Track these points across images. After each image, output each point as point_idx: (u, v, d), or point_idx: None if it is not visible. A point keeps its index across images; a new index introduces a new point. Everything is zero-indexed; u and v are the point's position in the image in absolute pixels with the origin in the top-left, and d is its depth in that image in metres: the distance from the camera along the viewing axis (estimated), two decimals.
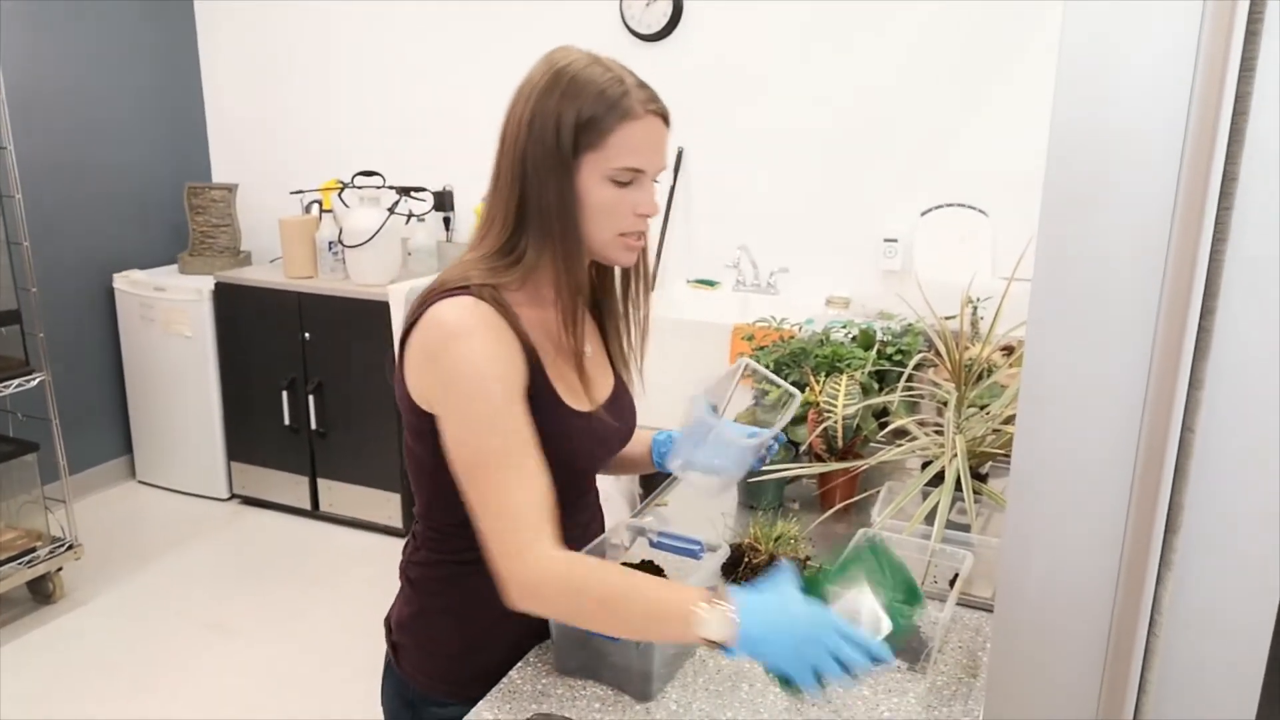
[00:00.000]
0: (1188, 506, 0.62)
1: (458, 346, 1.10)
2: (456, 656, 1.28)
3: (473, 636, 1.27)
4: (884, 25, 3.07)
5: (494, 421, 1.10)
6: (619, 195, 1.15)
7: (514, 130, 1.15)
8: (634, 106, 1.13)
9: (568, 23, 3.44)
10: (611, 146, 1.13)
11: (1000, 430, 1.50)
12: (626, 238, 1.18)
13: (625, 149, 1.13)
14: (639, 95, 1.14)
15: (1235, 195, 0.58)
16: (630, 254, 1.21)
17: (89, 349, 3.91)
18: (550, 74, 1.14)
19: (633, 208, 1.16)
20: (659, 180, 1.21)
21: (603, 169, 1.14)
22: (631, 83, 1.15)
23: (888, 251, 3.13)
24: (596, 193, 1.14)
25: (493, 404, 1.10)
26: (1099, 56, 0.59)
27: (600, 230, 1.17)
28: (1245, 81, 0.56)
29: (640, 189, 1.17)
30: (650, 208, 1.18)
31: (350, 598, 3.18)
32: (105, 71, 3.83)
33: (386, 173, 3.65)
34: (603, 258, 1.21)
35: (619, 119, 1.13)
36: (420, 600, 1.30)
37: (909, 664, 1.24)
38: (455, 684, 1.27)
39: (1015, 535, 0.68)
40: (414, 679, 1.30)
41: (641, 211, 1.17)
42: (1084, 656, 0.67)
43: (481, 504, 1.10)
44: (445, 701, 1.27)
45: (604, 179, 1.14)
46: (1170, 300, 0.59)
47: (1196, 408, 0.60)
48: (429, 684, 1.29)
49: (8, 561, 2.98)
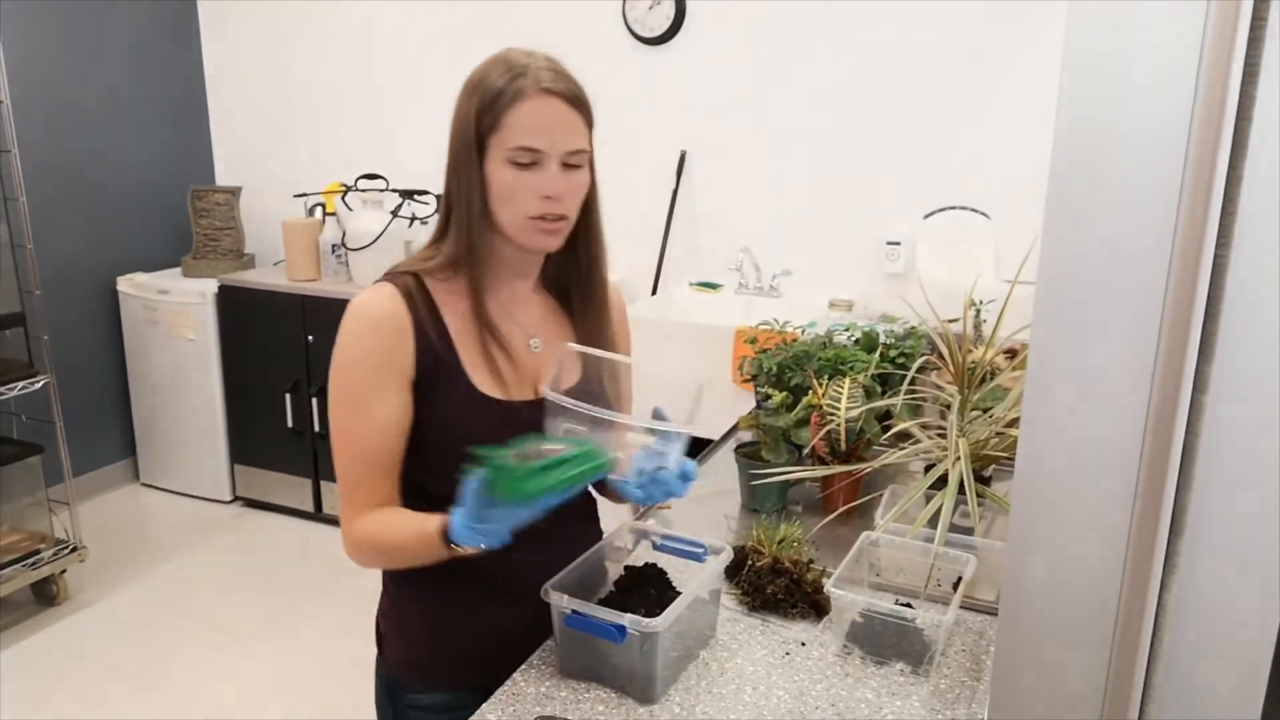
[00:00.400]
0: (1192, 510, 0.62)
1: (342, 329, 1.20)
2: (426, 644, 1.32)
3: (441, 625, 1.31)
4: (886, 28, 3.07)
5: (346, 402, 1.19)
6: (520, 177, 1.16)
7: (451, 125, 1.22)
8: (526, 87, 1.14)
9: (571, 26, 3.45)
10: (507, 128, 1.15)
11: (1003, 433, 1.50)
12: (537, 221, 1.18)
13: (519, 129, 1.15)
14: (536, 76, 1.15)
15: (1239, 200, 0.58)
16: (545, 237, 1.20)
17: (93, 352, 3.91)
18: (476, 68, 1.20)
19: (536, 190, 1.16)
20: (579, 164, 1.20)
21: (502, 151, 1.16)
22: (534, 66, 1.16)
23: (890, 254, 3.13)
24: (499, 176, 1.17)
25: (345, 388, 1.19)
26: (1102, 61, 0.59)
27: (507, 214, 1.18)
28: (1249, 85, 0.56)
29: (543, 171, 1.16)
30: (552, 189, 1.16)
31: (353, 599, 3.18)
32: (109, 75, 3.84)
33: (390, 176, 3.65)
34: (519, 243, 1.21)
35: (511, 99, 1.15)
36: (393, 588, 1.35)
37: (912, 667, 1.24)
38: (429, 672, 1.31)
39: (1019, 539, 0.68)
40: (393, 668, 1.34)
41: (544, 194, 1.16)
42: (1088, 660, 0.67)
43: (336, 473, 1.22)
44: (421, 689, 1.31)
45: (505, 162, 1.16)
46: (1174, 303, 0.59)
47: (1201, 411, 0.60)
48: (405, 671, 1.33)
49: (11, 564, 2.99)
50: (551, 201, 1.17)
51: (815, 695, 1.19)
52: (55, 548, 3.12)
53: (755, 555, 1.40)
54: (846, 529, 1.61)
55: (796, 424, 1.68)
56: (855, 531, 1.45)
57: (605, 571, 1.35)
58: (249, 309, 3.72)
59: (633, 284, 3.54)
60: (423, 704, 1.31)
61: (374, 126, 3.92)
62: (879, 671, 1.24)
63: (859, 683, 1.22)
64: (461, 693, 1.24)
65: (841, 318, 2.95)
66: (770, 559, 1.39)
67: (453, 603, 1.29)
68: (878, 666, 1.25)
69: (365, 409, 1.18)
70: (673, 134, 3.43)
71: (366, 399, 1.18)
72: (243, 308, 3.74)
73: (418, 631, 1.32)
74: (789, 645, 1.29)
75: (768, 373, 1.80)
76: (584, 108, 1.20)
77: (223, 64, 4.18)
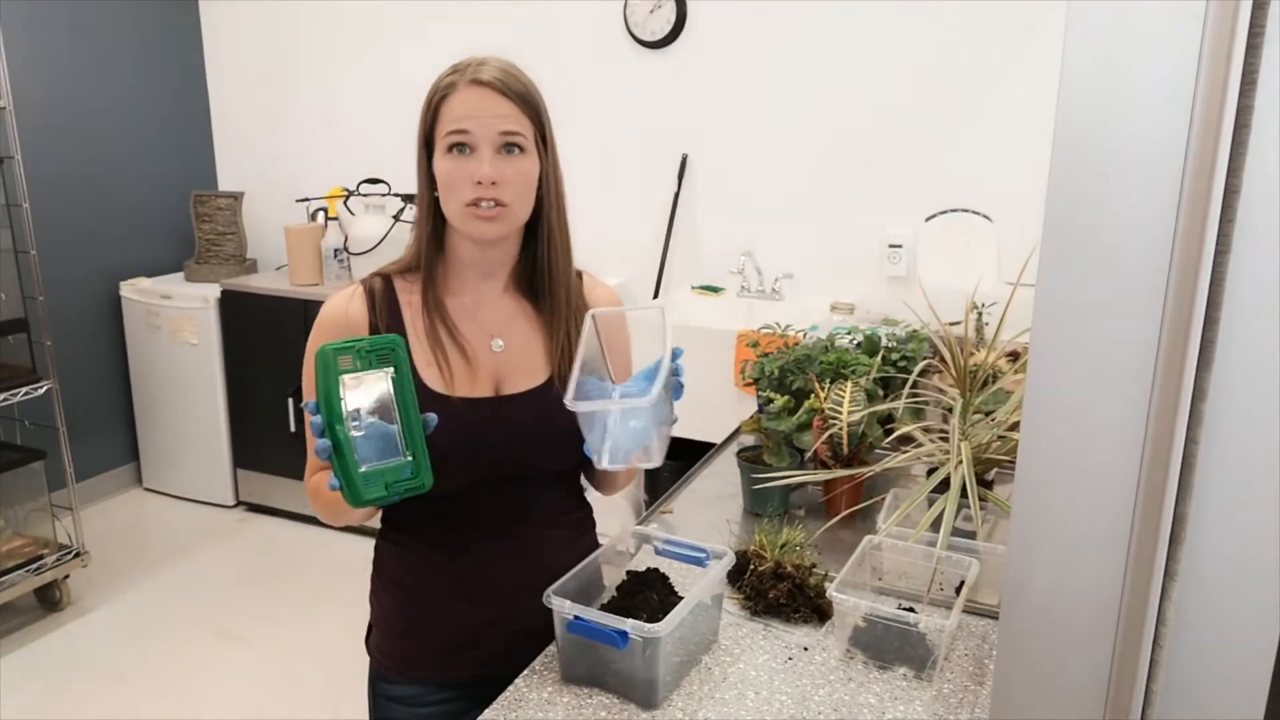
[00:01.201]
0: (1192, 517, 0.62)
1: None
2: (401, 635, 1.36)
3: (411, 618, 1.34)
4: (887, 31, 3.07)
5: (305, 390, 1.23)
6: (456, 164, 1.22)
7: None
8: (458, 80, 1.22)
9: (572, 30, 3.45)
10: (442, 120, 1.23)
11: (1006, 437, 1.50)
12: (472, 208, 1.22)
13: (450, 117, 1.22)
14: (471, 72, 1.22)
15: (1238, 207, 0.58)
16: (482, 224, 1.23)
17: (96, 357, 3.92)
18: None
19: (469, 175, 1.21)
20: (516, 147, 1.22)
21: (441, 144, 1.23)
22: (474, 64, 1.23)
23: (892, 257, 3.13)
24: (440, 167, 1.23)
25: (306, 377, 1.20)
26: (1101, 68, 0.60)
27: (449, 203, 1.24)
28: (1247, 94, 0.56)
29: (475, 156, 1.21)
30: (483, 174, 1.21)
31: (356, 604, 3.17)
32: (112, 80, 3.85)
33: (392, 180, 3.66)
34: (463, 233, 1.26)
35: (443, 93, 1.23)
36: (375, 576, 1.40)
37: (915, 672, 1.24)
38: (400, 663, 1.35)
39: (1020, 543, 0.68)
40: (374, 657, 1.40)
41: (476, 179, 1.21)
42: (1089, 665, 0.67)
43: None
44: (395, 679, 1.36)
45: (444, 153, 1.23)
46: (1174, 311, 0.59)
47: (1200, 419, 0.60)
48: (382, 660, 1.38)
49: (15, 569, 2.99)
50: (484, 187, 1.21)
51: (818, 700, 1.19)
52: (58, 553, 3.12)
53: (757, 560, 1.40)
54: (849, 533, 1.61)
55: (798, 428, 1.69)
56: (857, 535, 1.45)
57: (603, 577, 1.35)
58: (251, 314, 3.73)
59: (634, 287, 3.55)
60: (395, 694, 1.37)
61: (376, 131, 3.93)
62: (882, 676, 1.24)
63: (862, 687, 1.22)
64: (429, 686, 1.33)
65: (843, 321, 2.96)
66: (772, 563, 1.39)
67: (421, 598, 1.33)
68: (880, 671, 1.25)
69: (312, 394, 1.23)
70: (674, 137, 3.43)
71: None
72: (245, 312, 3.74)
73: (392, 622, 1.37)
74: (791, 650, 1.29)
75: (769, 376, 1.80)
76: (519, 97, 1.23)
77: (225, 69, 4.19)
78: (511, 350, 1.31)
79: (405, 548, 1.35)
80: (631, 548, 1.41)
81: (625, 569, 1.34)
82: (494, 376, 1.29)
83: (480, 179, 1.20)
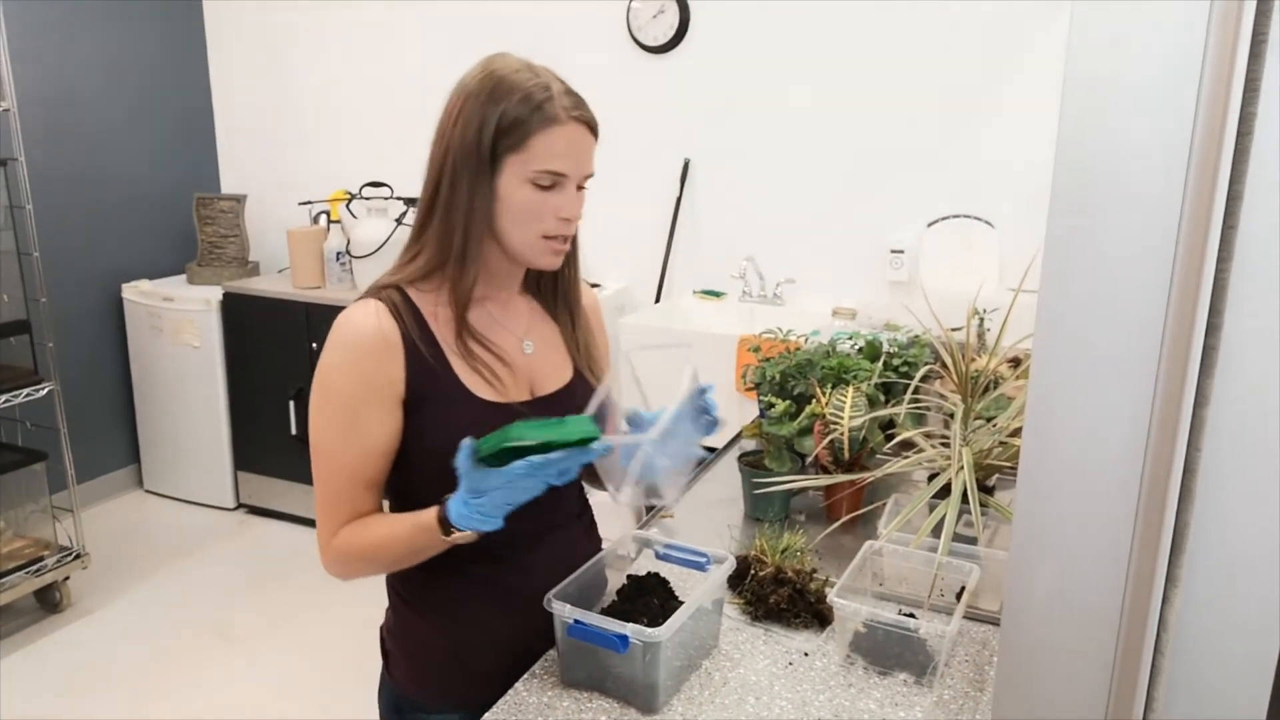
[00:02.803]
0: (1194, 524, 0.62)
1: (329, 346, 1.19)
2: (444, 664, 1.30)
3: (459, 642, 1.29)
4: (890, 37, 3.08)
5: (332, 422, 1.18)
6: (540, 198, 1.18)
7: (443, 130, 1.20)
8: (558, 112, 1.16)
9: (575, 34, 3.46)
10: (533, 150, 1.16)
11: (1007, 443, 1.50)
12: (550, 241, 1.21)
13: (547, 153, 1.17)
14: (564, 101, 1.17)
15: (1240, 214, 0.58)
16: (553, 257, 1.23)
17: (97, 359, 3.92)
18: (481, 77, 1.19)
19: (555, 211, 1.19)
20: (586, 187, 1.23)
21: (523, 171, 1.17)
22: (558, 89, 1.18)
23: (894, 263, 3.13)
24: (518, 194, 1.18)
25: (324, 404, 1.18)
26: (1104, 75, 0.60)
27: (521, 231, 1.20)
28: (1249, 101, 0.56)
29: (562, 193, 1.19)
30: (571, 211, 1.20)
31: (356, 606, 3.18)
32: (115, 83, 3.85)
33: (394, 183, 3.66)
34: (525, 260, 1.23)
35: (542, 123, 1.16)
36: (404, 608, 1.32)
37: (916, 678, 1.24)
38: (443, 691, 1.29)
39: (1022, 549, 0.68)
40: (403, 687, 1.32)
41: (563, 215, 1.19)
42: (1091, 671, 0.67)
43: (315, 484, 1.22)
44: (432, 709, 1.29)
45: (525, 181, 1.17)
46: (1176, 317, 0.60)
47: (1202, 426, 0.61)
48: (417, 691, 1.31)
49: (15, 570, 2.99)
50: (567, 223, 1.20)
51: (818, 706, 1.19)
52: (59, 554, 3.12)
53: (758, 564, 1.40)
54: (850, 538, 1.61)
55: (800, 433, 1.68)
56: (858, 541, 1.45)
57: (607, 581, 1.35)
58: (253, 316, 3.73)
59: (636, 292, 3.55)
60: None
61: (378, 134, 3.93)
62: (882, 682, 1.24)
63: (862, 693, 1.21)
64: (472, 710, 1.21)
65: (845, 326, 2.95)
66: (773, 568, 1.39)
67: (460, 619, 1.28)
68: (881, 677, 1.25)
69: (352, 430, 1.18)
70: (676, 142, 3.43)
71: (354, 420, 1.18)
72: (247, 315, 3.75)
73: (429, 651, 1.30)
74: (792, 655, 1.29)
75: (771, 381, 1.80)
76: (598, 134, 1.23)
77: (228, 72, 4.20)
78: (539, 351, 1.31)
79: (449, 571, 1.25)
80: (632, 552, 1.41)
81: (626, 573, 1.34)
82: (529, 379, 1.28)
83: (569, 216, 1.20)
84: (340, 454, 1.19)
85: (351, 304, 1.22)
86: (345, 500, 1.20)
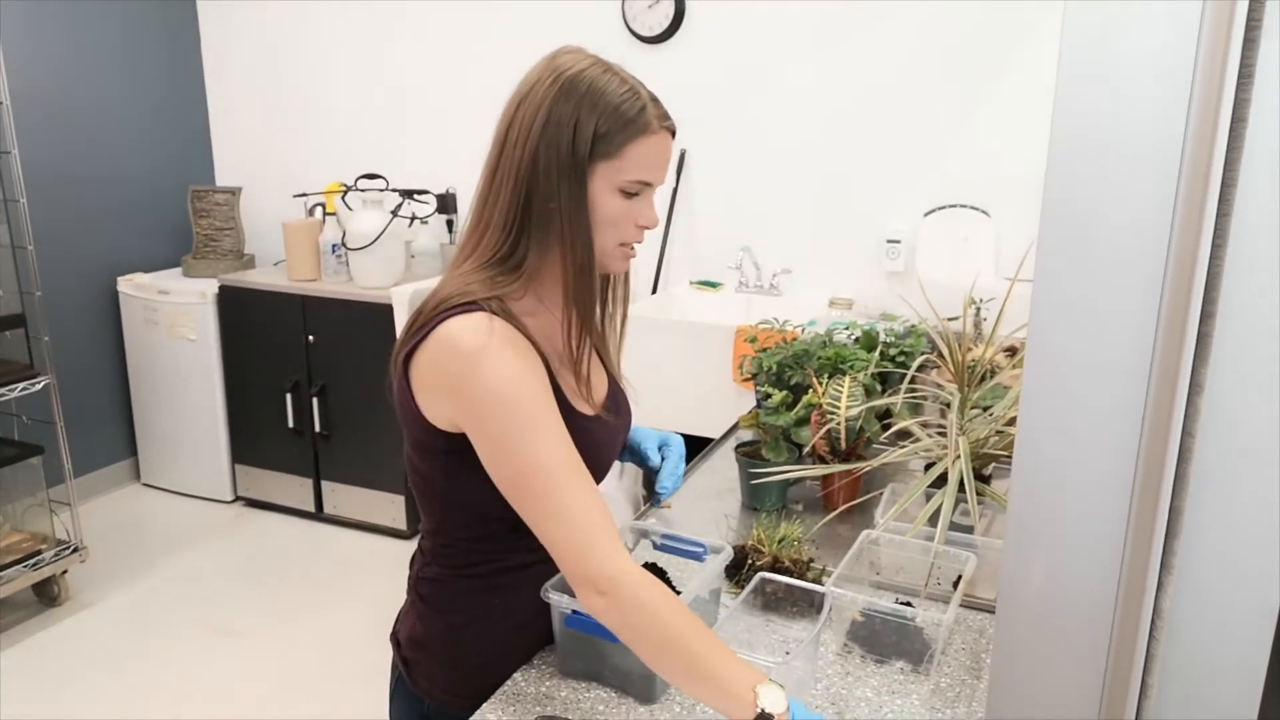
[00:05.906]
0: (1188, 511, 0.62)
1: (482, 367, 1.08)
2: (482, 669, 1.25)
3: (497, 647, 1.26)
4: (886, 26, 3.07)
5: (537, 433, 1.08)
6: (626, 206, 1.16)
7: (521, 132, 1.13)
8: (651, 122, 1.14)
9: (570, 24, 3.45)
10: (626, 159, 1.13)
11: (1003, 432, 1.50)
12: (625, 248, 1.20)
13: (639, 163, 1.14)
14: (654, 111, 1.16)
15: (1234, 200, 0.58)
16: (625, 263, 1.23)
17: (93, 352, 3.92)
18: (563, 78, 1.13)
19: (635, 219, 1.18)
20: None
21: (614, 180, 1.14)
22: (646, 96, 1.16)
23: (890, 252, 3.13)
24: (607, 203, 1.14)
25: (530, 416, 1.09)
26: (1098, 63, 0.60)
27: (604, 239, 1.17)
28: (1244, 87, 0.56)
29: (644, 201, 1.18)
30: (652, 220, 1.19)
31: (355, 600, 3.19)
32: (109, 76, 3.84)
33: (389, 175, 3.66)
34: (601, 266, 1.20)
35: (637, 133, 1.13)
36: (438, 617, 1.27)
37: (912, 666, 1.24)
38: (478, 696, 1.23)
39: (1017, 538, 0.68)
40: (430, 694, 1.27)
41: (643, 223, 1.18)
42: (1086, 659, 0.67)
43: (545, 514, 1.08)
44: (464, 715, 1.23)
45: (614, 190, 1.14)
46: (1170, 304, 0.60)
47: (1196, 413, 0.61)
48: (448, 698, 1.26)
49: (13, 564, 2.99)
50: (642, 231, 1.20)
51: (815, 694, 1.19)
52: (56, 548, 3.12)
53: (755, 554, 1.41)
54: (846, 527, 1.62)
55: (796, 423, 1.69)
56: (855, 530, 1.45)
57: None
58: (249, 309, 3.73)
59: (633, 283, 3.54)
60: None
61: (373, 126, 3.92)
62: (879, 670, 1.24)
63: (859, 681, 1.22)
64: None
65: (841, 316, 2.96)
66: (770, 558, 1.39)
67: (510, 628, 1.25)
68: (878, 665, 1.25)
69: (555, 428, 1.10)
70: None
71: (550, 418, 1.10)
72: (243, 308, 3.74)
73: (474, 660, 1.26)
74: (789, 644, 1.30)
75: (768, 371, 1.80)
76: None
77: (222, 64, 4.19)
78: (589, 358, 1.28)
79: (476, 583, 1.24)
80: (629, 542, 1.41)
81: None
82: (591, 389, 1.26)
83: (648, 224, 1.18)
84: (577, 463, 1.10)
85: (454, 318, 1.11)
86: (602, 510, 1.09)
